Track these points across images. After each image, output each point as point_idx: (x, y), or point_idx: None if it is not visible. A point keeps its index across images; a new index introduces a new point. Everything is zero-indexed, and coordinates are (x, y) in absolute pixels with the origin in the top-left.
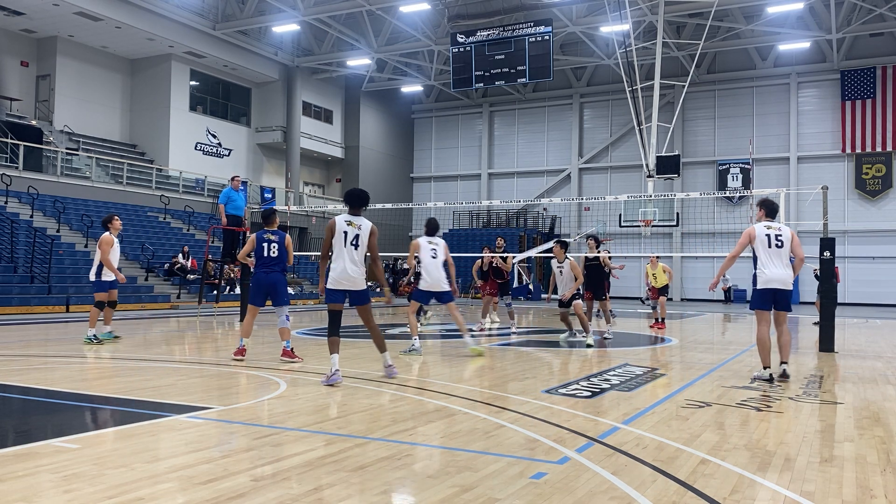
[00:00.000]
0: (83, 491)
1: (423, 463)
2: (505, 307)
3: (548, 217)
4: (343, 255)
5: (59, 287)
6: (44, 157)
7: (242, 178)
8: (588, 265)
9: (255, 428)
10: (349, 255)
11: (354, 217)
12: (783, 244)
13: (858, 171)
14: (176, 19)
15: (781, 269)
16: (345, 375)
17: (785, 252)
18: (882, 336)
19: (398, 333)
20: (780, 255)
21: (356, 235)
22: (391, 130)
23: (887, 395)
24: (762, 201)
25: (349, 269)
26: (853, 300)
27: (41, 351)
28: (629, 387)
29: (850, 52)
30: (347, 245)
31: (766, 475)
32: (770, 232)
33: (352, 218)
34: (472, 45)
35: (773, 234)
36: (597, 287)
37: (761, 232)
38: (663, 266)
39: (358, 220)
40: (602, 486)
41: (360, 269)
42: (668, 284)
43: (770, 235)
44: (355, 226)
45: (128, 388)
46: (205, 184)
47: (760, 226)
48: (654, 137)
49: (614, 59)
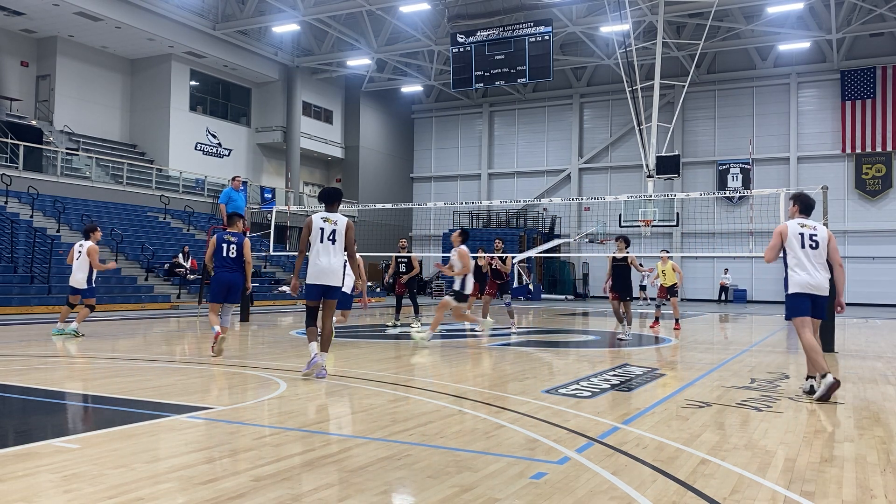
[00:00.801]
0: (83, 491)
1: (423, 463)
2: (505, 307)
3: (548, 217)
4: (320, 250)
5: (59, 287)
6: (44, 157)
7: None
8: (616, 265)
9: (255, 428)
10: (325, 249)
11: (330, 214)
12: (818, 245)
13: (858, 171)
14: (176, 19)
15: (817, 272)
16: (345, 376)
17: (820, 253)
18: (882, 336)
19: (398, 334)
20: (815, 257)
21: (332, 230)
22: (391, 130)
23: (887, 395)
24: (796, 196)
25: (325, 263)
26: (853, 300)
27: (41, 351)
28: (629, 387)
29: (850, 52)
30: (325, 240)
31: (766, 475)
32: (804, 231)
33: (328, 214)
34: (472, 45)
35: (808, 233)
36: (623, 288)
37: (794, 230)
38: (673, 264)
39: (334, 216)
40: (602, 486)
41: (338, 261)
42: (677, 284)
43: (804, 234)
44: (331, 221)
45: (128, 388)
46: (205, 184)
47: (794, 223)
48: (654, 137)
49: (614, 59)
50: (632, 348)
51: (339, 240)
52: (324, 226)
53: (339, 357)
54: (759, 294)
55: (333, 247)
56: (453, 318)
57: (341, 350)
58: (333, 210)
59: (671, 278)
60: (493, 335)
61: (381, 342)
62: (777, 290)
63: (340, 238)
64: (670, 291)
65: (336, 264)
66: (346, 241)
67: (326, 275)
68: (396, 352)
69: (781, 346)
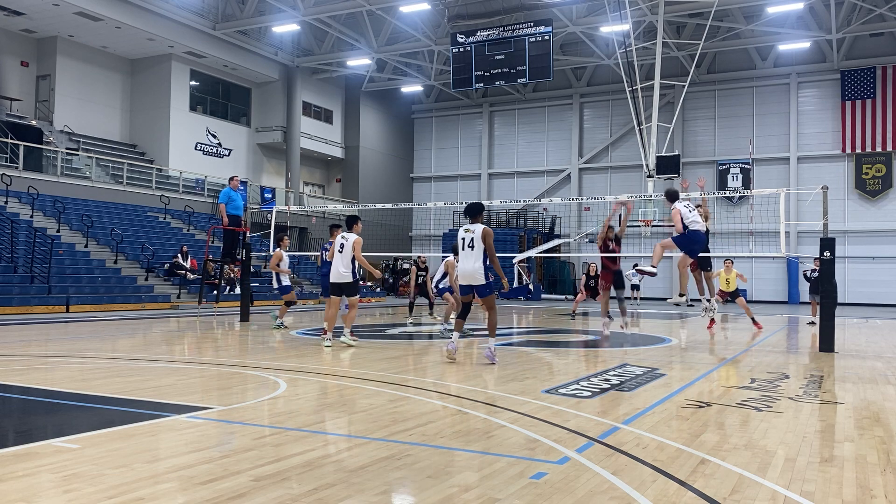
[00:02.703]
0: (83, 491)
1: (423, 463)
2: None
3: (548, 217)
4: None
5: (59, 287)
6: (44, 157)
7: (242, 178)
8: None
9: (255, 428)
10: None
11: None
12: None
13: (858, 171)
14: (176, 19)
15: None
16: (344, 376)
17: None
18: (882, 336)
19: (398, 333)
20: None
21: (342, 245)
22: (391, 130)
23: (887, 395)
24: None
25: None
26: (853, 300)
27: (41, 351)
28: (629, 387)
29: (850, 52)
30: (464, 248)
31: (766, 475)
32: (690, 204)
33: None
34: (472, 45)
35: (692, 205)
36: (617, 280)
37: (685, 206)
38: (737, 272)
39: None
40: (602, 486)
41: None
42: (738, 288)
43: (689, 205)
44: (471, 231)
45: (128, 388)
46: (205, 184)
47: (681, 204)
48: (654, 137)
49: (614, 59)
50: (632, 348)
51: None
52: (464, 235)
53: (340, 357)
54: (759, 294)
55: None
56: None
57: (342, 350)
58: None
59: (733, 285)
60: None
61: (381, 342)
62: (777, 290)
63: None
64: (733, 295)
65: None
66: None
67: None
68: (396, 352)
69: (781, 346)
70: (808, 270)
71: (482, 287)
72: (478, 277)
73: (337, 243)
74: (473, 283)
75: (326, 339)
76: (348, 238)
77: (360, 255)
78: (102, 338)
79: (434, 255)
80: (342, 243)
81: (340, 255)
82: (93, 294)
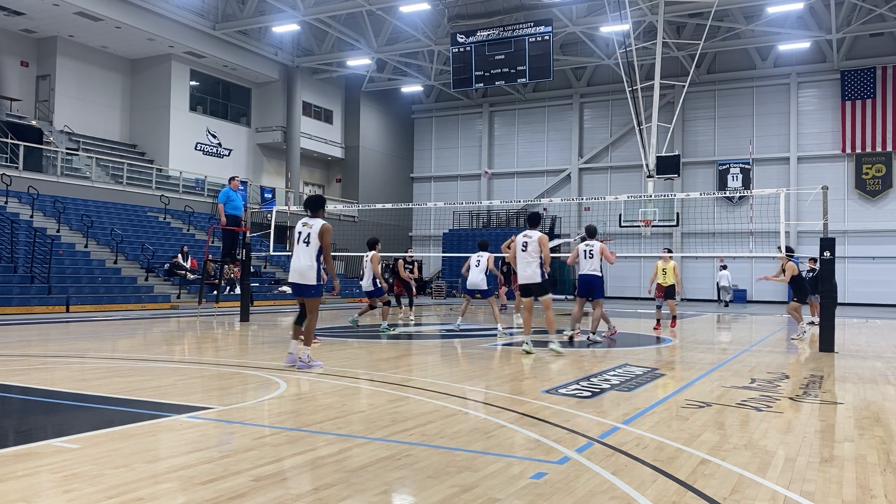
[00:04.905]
0: (83, 491)
1: (423, 463)
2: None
3: (548, 217)
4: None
5: (59, 287)
6: (44, 157)
7: (242, 178)
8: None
9: (255, 428)
10: (297, 251)
11: (310, 219)
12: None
13: (858, 171)
14: (176, 19)
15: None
16: (344, 376)
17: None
18: (882, 336)
19: (398, 333)
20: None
21: (308, 234)
22: (391, 130)
23: (887, 395)
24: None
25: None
26: (853, 300)
27: (41, 351)
28: (629, 387)
29: (850, 52)
30: (299, 242)
31: (766, 475)
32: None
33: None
34: (472, 45)
35: (526, 240)
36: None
37: (581, 247)
38: (674, 265)
39: (313, 220)
40: (602, 486)
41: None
42: (675, 286)
43: (587, 251)
44: (308, 225)
45: (128, 388)
46: (205, 184)
47: (581, 245)
48: (654, 137)
49: (614, 59)
50: (632, 348)
51: (312, 242)
52: (301, 229)
53: (340, 357)
54: (759, 294)
55: (307, 248)
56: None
57: (342, 350)
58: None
59: (671, 278)
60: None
61: (381, 342)
62: (777, 289)
63: (314, 241)
64: (668, 293)
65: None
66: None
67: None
68: (396, 352)
69: (781, 346)
70: (805, 271)
71: (310, 287)
72: (309, 276)
73: (301, 233)
74: (301, 282)
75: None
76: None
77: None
78: (102, 338)
79: (434, 255)
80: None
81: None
82: (93, 294)
